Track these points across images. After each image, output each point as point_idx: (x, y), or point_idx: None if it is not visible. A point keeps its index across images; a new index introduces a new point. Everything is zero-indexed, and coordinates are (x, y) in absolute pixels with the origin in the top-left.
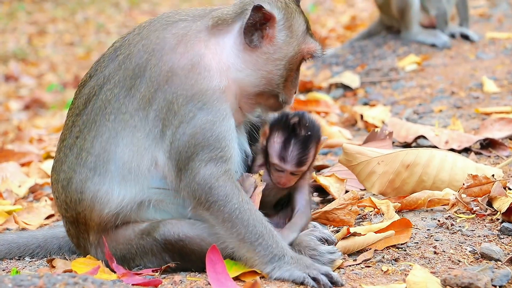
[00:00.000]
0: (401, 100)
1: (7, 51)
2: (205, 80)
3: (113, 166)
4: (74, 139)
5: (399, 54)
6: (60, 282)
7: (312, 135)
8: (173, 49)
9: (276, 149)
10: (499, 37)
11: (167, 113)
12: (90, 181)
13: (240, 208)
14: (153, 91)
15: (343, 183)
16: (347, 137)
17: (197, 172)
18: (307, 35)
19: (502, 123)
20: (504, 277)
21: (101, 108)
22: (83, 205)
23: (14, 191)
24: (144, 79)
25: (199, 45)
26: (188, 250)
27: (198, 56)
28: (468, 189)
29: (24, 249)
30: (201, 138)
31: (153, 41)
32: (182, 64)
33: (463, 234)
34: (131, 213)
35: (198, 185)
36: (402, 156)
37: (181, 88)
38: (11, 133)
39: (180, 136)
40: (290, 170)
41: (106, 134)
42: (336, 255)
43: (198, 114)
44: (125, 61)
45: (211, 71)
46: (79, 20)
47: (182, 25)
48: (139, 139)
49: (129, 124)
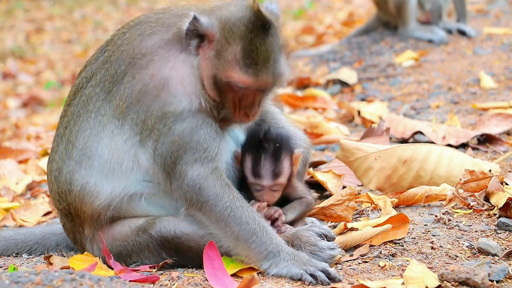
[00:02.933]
0: (399, 96)
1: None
2: (173, 104)
3: (96, 162)
4: (64, 129)
5: (396, 50)
6: (57, 279)
7: (282, 146)
8: (146, 68)
9: (249, 167)
10: (497, 32)
11: (142, 128)
12: (77, 173)
13: (231, 206)
14: (125, 106)
15: (341, 179)
16: (345, 133)
17: (185, 174)
18: (239, 64)
19: (499, 118)
20: (501, 272)
21: (85, 103)
22: (72, 196)
23: (12, 188)
24: (119, 90)
25: (167, 67)
26: (184, 247)
27: (166, 80)
28: (465, 184)
29: (22, 245)
30: (182, 143)
31: (131, 53)
32: (152, 87)
33: (460, 229)
34: (123, 205)
35: (188, 187)
36: (399, 152)
37: (152, 109)
38: (9, 130)
39: (161, 145)
40: (267, 185)
41: (88, 131)
42: (336, 251)
43: (173, 126)
44: (108, 61)
45: (178, 95)
46: (76, 17)
47: (156, 38)
48: (117, 142)
49: (107, 128)
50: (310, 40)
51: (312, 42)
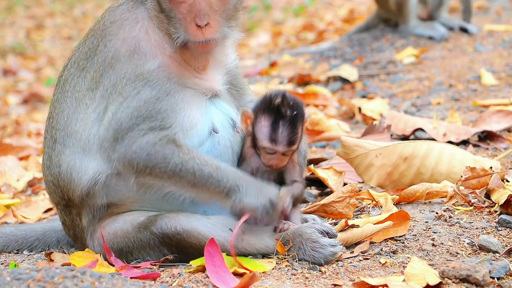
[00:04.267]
0: (399, 93)
1: (5, 45)
2: (144, 64)
3: (76, 138)
4: (48, 121)
5: (397, 47)
6: (58, 276)
7: (298, 113)
8: (116, 35)
9: (265, 132)
10: (497, 29)
11: (112, 92)
12: (63, 153)
13: (182, 162)
14: (99, 75)
15: (341, 176)
16: (345, 130)
17: (134, 141)
18: None
19: (500, 115)
20: (502, 268)
21: (62, 87)
22: (62, 177)
23: (13, 185)
24: (93, 63)
25: (136, 28)
26: (186, 243)
27: (136, 41)
28: (466, 181)
29: (23, 242)
30: (144, 110)
31: (101, 26)
32: (123, 51)
33: (461, 226)
34: (112, 182)
35: (134, 153)
36: (400, 149)
37: (124, 72)
38: (10, 127)
39: (124, 109)
40: (282, 151)
41: (66, 111)
42: (337, 248)
43: (143, 90)
44: (82, 45)
45: (148, 54)
46: (77, 14)
47: (123, 6)
48: (88, 114)
49: (82, 102)
50: (311, 37)
51: (313, 39)
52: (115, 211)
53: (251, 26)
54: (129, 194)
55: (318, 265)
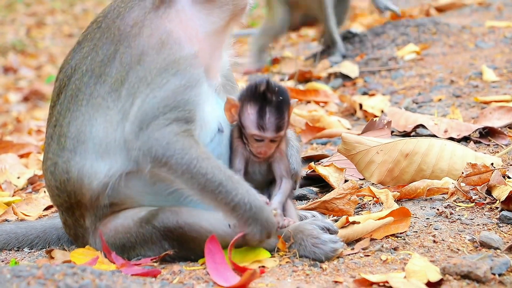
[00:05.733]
0: (400, 90)
1: (6, 43)
2: (177, 52)
3: (90, 144)
4: (53, 128)
5: (398, 44)
6: (59, 273)
7: (283, 99)
8: (140, 35)
9: (252, 119)
10: (499, 26)
11: (139, 86)
12: (72, 160)
13: (198, 158)
14: (125, 73)
15: (342, 173)
16: (346, 127)
17: (158, 129)
18: None
19: (502, 111)
20: (503, 265)
21: (72, 96)
22: (71, 183)
23: (13, 182)
24: (114, 66)
25: (163, 22)
26: (187, 238)
27: (165, 33)
28: (467, 177)
29: (23, 239)
30: (172, 100)
31: (116, 32)
32: (152, 44)
33: (462, 223)
34: (121, 183)
35: (156, 140)
36: (401, 145)
37: (154, 63)
38: (10, 124)
39: (150, 100)
40: (270, 137)
41: (80, 118)
42: (338, 244)
43: (172, 80)
44: (91, 53)
45: (181, 42)
46: (77, 11)
47: (137, 10)
48: (111, 116)
49: (102, 106)
50: (312, 34)
51: (314, 35)
52: (116, 209)
53: (251, 23)
54: (132, 194)
55: (319, 261)
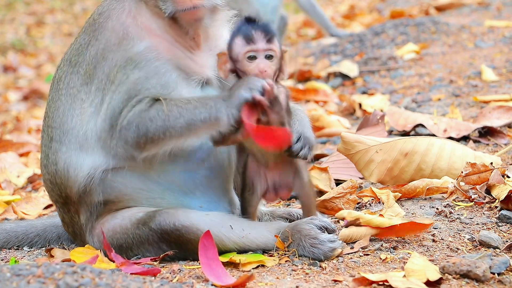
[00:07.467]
0: (400, 89)
1: (6, 42)
2: (133, 47)
3: (71, 136)
4: (44, 121)
5: (397, 43)
6: (58, 271)
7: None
8: (105, 25)
9: (240, 40)
10: (498, 25)
11: (106, 83)
12: (60, 151)
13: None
14: (93, 68)
15: (327, 172)
16: (346, 126)
17: (124, 117)
18: None
19: (501, 111)
20: (503, 264)
21: (56, 86)
22: (60, 175)
23: (13, 181)
24: (85, 57)
25: (123, 15)
26: (184, 239)
27: (123, 28)
28: (466, 177)
29: (23, 238)
30: (133, 90)
31: (91, 22)
32: (114, 38)
33: (461, 222)
34: (111, 178)
35: (126, 130)
36: (400, 145)
37: (116, 60)
38: (10, 123)
39: (116, 96)
40: (262, 49)
41: (61, 108)
42: (336, 243)
43: (131, 75)
44: (74, 43)
45: (136, 37)
46: (77, 10)
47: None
48: (85, 108)
49: (78, 97)
50: (311, 33)
51: (313, 35)
52: (113, 208)
53: None
54: (126, 191)
55: (318, 261)
